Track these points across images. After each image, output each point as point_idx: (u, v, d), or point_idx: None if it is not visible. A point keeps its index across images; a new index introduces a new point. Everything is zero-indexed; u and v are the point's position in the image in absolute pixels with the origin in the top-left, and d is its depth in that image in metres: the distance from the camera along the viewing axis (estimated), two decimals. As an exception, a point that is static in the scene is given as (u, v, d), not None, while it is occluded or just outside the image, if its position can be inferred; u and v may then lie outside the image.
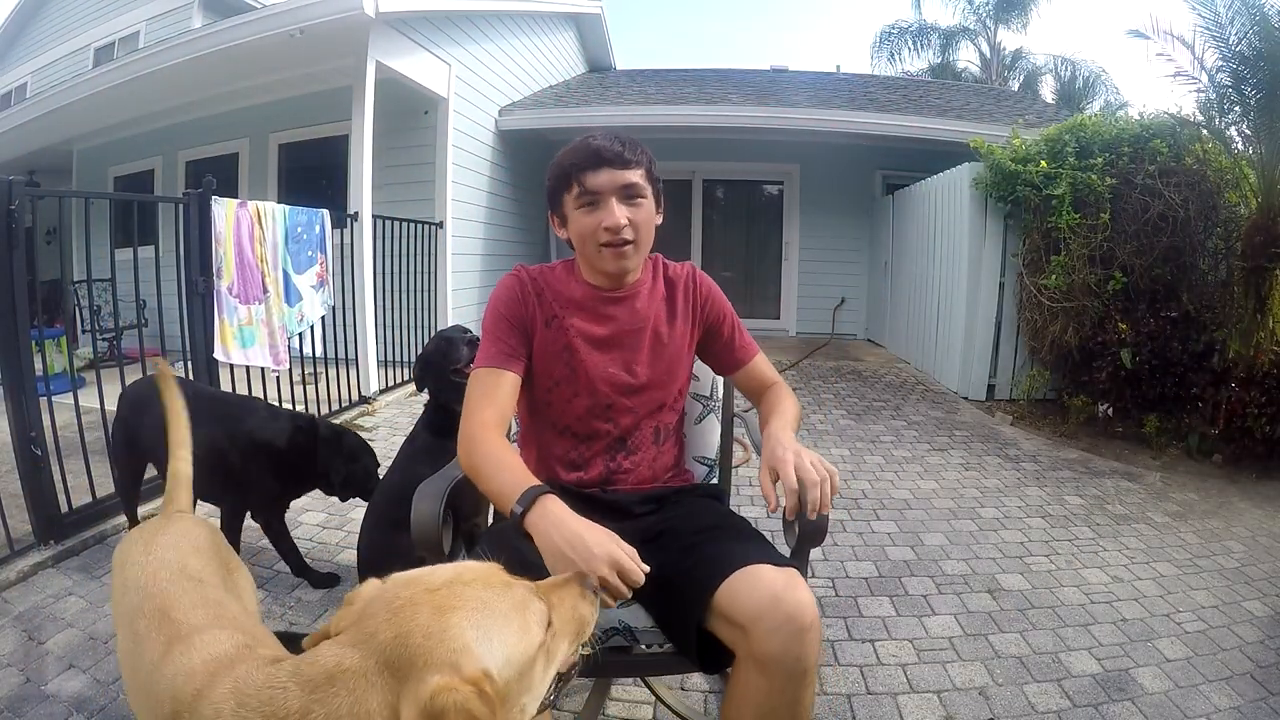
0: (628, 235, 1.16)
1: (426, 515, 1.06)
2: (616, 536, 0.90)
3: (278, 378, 3.46)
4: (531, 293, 1.23)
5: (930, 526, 2.67)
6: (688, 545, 1.06)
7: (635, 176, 1.16)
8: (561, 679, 0.73)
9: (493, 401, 1.14)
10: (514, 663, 0.61)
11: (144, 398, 2.23)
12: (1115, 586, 2.22)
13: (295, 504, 2.73)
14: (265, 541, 2.39)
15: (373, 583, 0.65)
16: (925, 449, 3.67)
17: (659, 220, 1.24)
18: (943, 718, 1.57)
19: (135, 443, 2.14)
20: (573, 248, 1.24)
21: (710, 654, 0.97)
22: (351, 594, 0.65)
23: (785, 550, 1.16)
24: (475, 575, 0.65)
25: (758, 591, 0.90)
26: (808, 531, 1.07)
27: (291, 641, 1.76)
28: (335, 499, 2.23)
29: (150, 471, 2.29)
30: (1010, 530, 2.65)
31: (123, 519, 2.49)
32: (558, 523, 0.90)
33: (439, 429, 1.89)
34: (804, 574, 1.14)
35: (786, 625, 0.87)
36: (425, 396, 2.00)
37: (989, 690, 1.67)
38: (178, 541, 1.00)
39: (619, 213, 1.14)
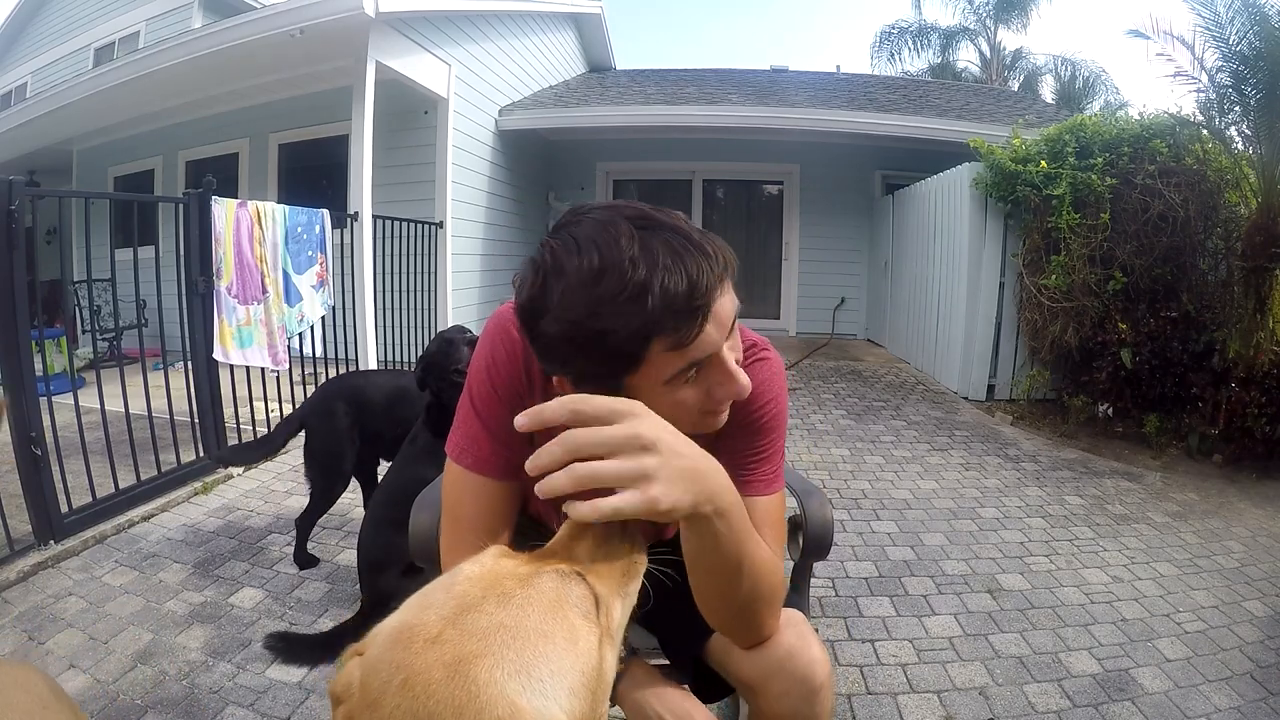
0: None
1: (425, 527, 1.03)
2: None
3: (277, 377, 3.46)
4: (539, 376, 0.85)
5: (930, 526, 2.67)
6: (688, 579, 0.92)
7: (732, 297, 0.70)
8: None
9: (493, 532, 0.84)
10: (578, 689, 0.46)
11: (356, 390, 2.31)
12: (1115, 586, 2.22)
13: (294, 505, 2.74)
14: (264, 540, 2.40)
15: (354, 661, 0.48)
16: (925, 449, 3.67)
17: None
18: (943, 718, 1.57)
19: (368, 434, 2.24)
20: None
21: (707, 682, 0.95)
22: (335, 685, 0.48)
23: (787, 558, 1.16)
24: (479, 589, 0.48)
25: (764, 651, 0.82)
26: (811, 545, 1.06)
27: (293, 641, 1.75)
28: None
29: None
30: (1010, 530, 2.65)
31: (125, 518, 2.49)
32: (659, 695, 0.80)
33: (440, 428, 1.89)
34: (806, 586, 1.13)
35: (798, 689, 0.80)
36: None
37: (989, 690, 1.67)
38: (15, 700, 0.72)
39: (738, 372, 0.71)
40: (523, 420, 0.57)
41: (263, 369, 3.29)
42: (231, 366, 3.10)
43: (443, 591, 0.48)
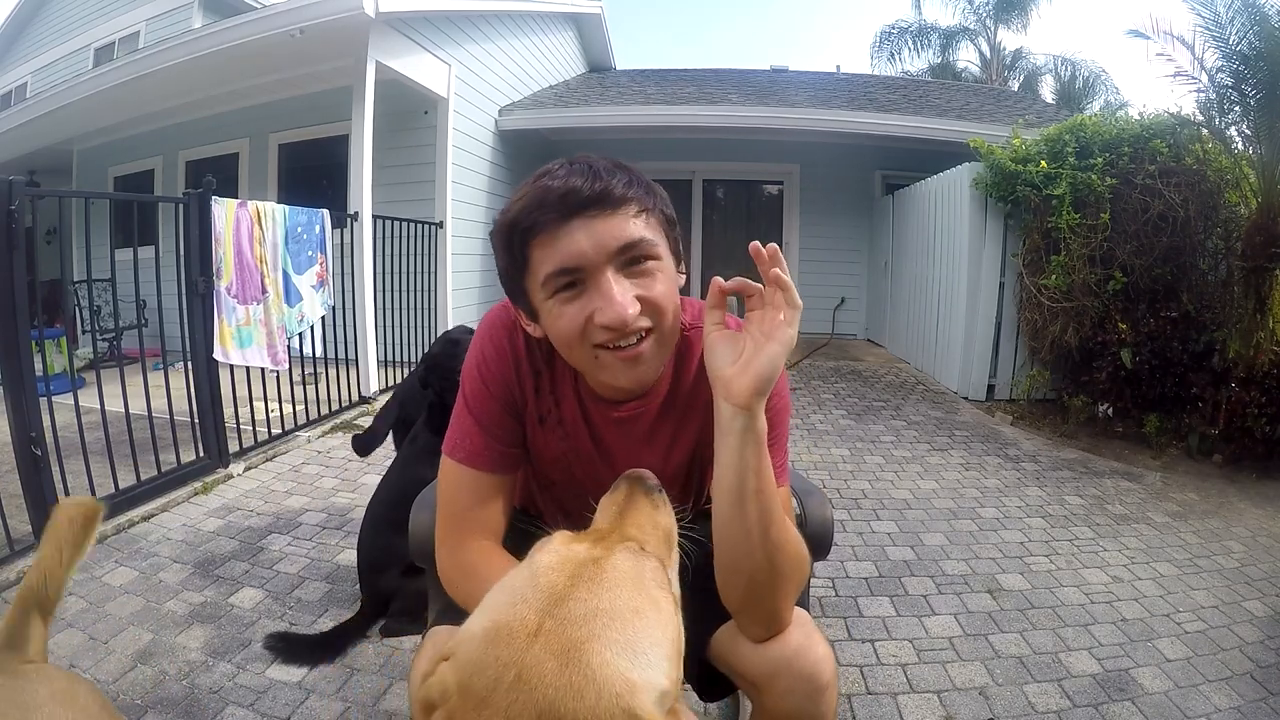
0: (640, 323, 0.75)
1: (425, 527, 1.03)
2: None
3: (277, 377, 3.46)
4: (528, 372, 0.89)
5: (930, 526, 2.67)
6: (695, 578, 0.91)
7: (637, 225, 0.74)
8: None
9: (484, 524, 0.85)
10: (672, 655, 0.49)
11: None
12: (1115, 586, 2.22)
13: (294, 505, 2.74)
14: (264, 540, 2.40)
15: (443, 665, 0.49)
16: (925, 449, 3.67)
17: (680, 282, 0.83)
18: (943, 718, 1.57)
19: None
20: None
21: (709, 682, 0.94)
22: (428, 690, 0.48)
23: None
24: (564, 578, 0.49)
25: (771, 648, 0.81)
26: (811, 545, 1.06)
27: (293, 641, 1.75)
28: (334, 500, 2.24)
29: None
30: (1010, 530, 2.65)
31: (125, 518, 2.49)
32: None
33: (442, 428, 1.89)
34: (807, 586, 1.12)
35: (803, 687, 0.79)
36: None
37: (989, 690, 1.67)
38: (65, 713, 0.69)
39: (620, 296, 0.73)
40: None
41: (263, 369, 3.29)
42: (231, 366, 3.10)
43: (527, 586, 0.50)
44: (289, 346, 3.40)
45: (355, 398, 4.21)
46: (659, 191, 0.79)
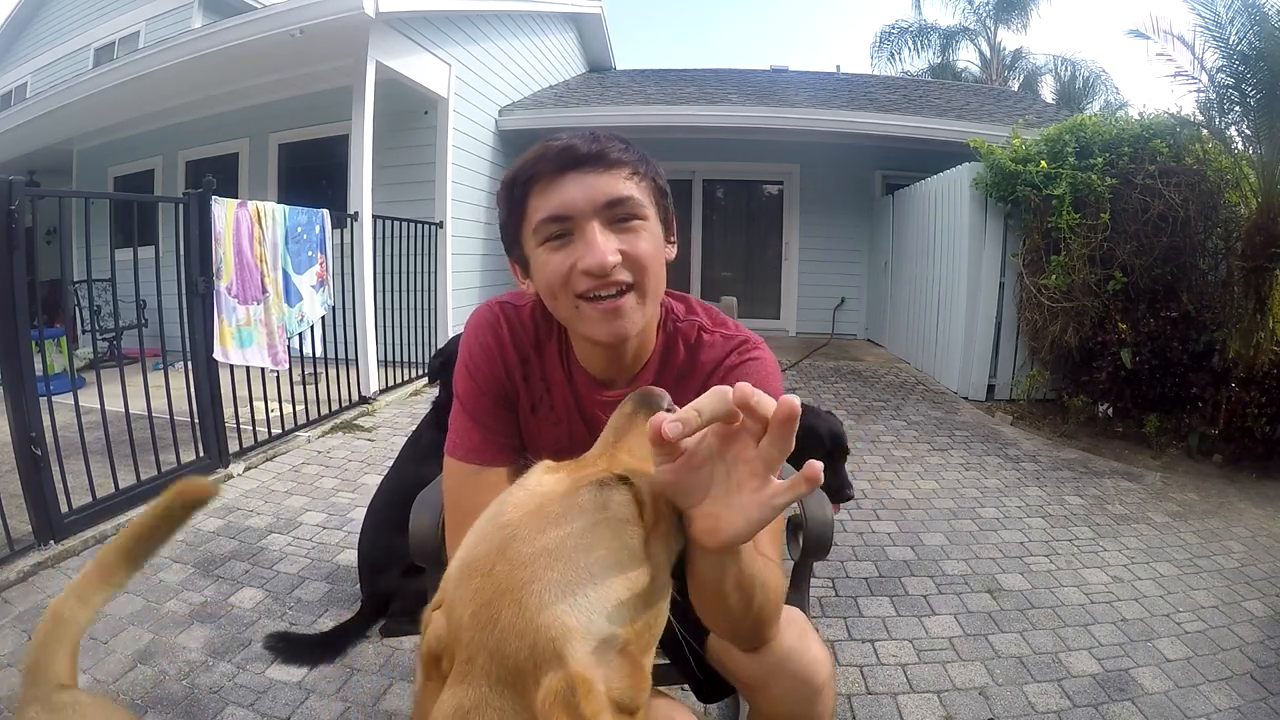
0: (621, 276, 0.77)
1: (425, 528, 1.03)
2: None
3: (277, 377, 3.46)
4: (516, 362, 0.92)
5: (930, 526, 2.67)
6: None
7: (627, 185, 0.78)
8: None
9: None
10: (626, 597, 0.48)
11: None
12: (1115, 586, 2.22)
13: (294, 505, 2.74)
14: (264, 540, 2.40)
15: (437, 614, 0.50)
16: (925, 449, 3.67)
17: (670, 254, 0.86)
18: (943, 718, 1.57)
19: None
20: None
21: (709, 682, 0.94)
22: (428, 641, 0.50)
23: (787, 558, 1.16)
24: (521, 515, 0.49)
25: (764, 651, 0.80)
26: (811, 544, 1.06)
27: (293, 641, 1.75)
28: (334, 500, 2.24)
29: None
30: (1010, 530, 2.65)
31: (125, 518, 2.48)
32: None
33: (446, 426, 1.89)
34: (806, 585, 1.13)
35: (799, 689, 0.79)
36: (427, 403, 1.99)
37: (989, 690, 1.67)
38: None
39: (602, 244, 0.75)
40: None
41: (263, 369, 3.29)
42: (231, 366, 3.10)
43: (491, 523, 0.51)
44: (289, 346, 3.40)
45: (355, 398, 4.21)
46: (654, 163, 0.84)
